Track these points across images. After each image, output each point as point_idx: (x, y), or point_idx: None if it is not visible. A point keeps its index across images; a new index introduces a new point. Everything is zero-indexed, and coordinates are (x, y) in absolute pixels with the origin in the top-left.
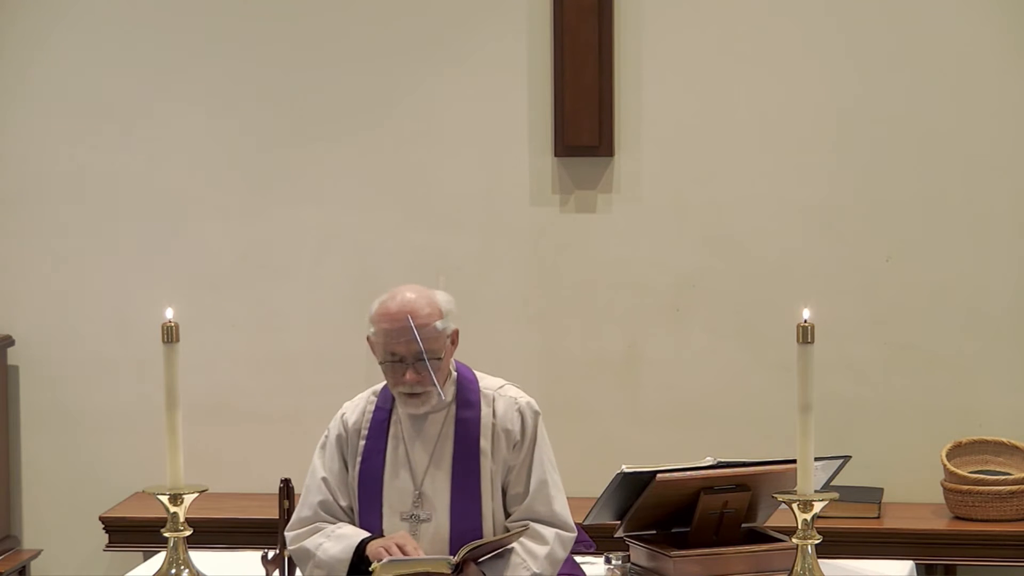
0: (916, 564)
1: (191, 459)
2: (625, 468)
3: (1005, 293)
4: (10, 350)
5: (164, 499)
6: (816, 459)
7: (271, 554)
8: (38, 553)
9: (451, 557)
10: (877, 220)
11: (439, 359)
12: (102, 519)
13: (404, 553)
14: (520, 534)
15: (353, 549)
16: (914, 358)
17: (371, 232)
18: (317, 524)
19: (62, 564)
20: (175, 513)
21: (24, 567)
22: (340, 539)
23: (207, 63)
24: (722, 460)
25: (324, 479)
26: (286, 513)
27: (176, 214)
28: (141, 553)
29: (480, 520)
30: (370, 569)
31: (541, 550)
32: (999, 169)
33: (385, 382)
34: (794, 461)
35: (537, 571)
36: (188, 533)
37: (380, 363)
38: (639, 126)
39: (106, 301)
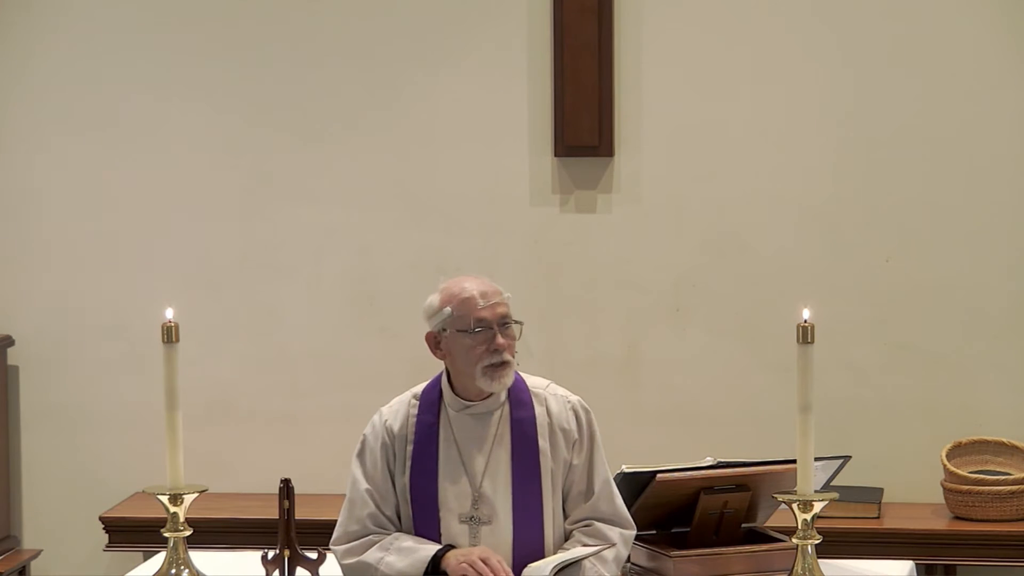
0: (916, 564)
1: (191, 459)
2: (625, 468)
3: (1005, 293)
4: (10, 350)
5: (164, 499)
6: (816, 459)
7: (271, 554)
8: (38, 553)
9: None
10: (877, 220)
11: (520, 323)
12: (102, 519)
13: (490, 567)
14: (604, 549)
15: (425, 563)
16: (914, 358)
17: (371, 232)
18: (370, 537)
19: (62, 564)
20: (175, 513)
21: (24, 567)
22: (404, 552)
23: (207, 63)
24: (722, 460)
25: (368, 490)
26: (286, 513)
27: (176, 214)
28: (141, 553)
29: (542, 520)
30: None
31: (609, 553)
32: (999, 169)
33: (423, 385)
34: (794, 461)
35: (607, 575)
36: (188, 533)
37: (469, 333)
38: (639, 126)
39: (106, 301)
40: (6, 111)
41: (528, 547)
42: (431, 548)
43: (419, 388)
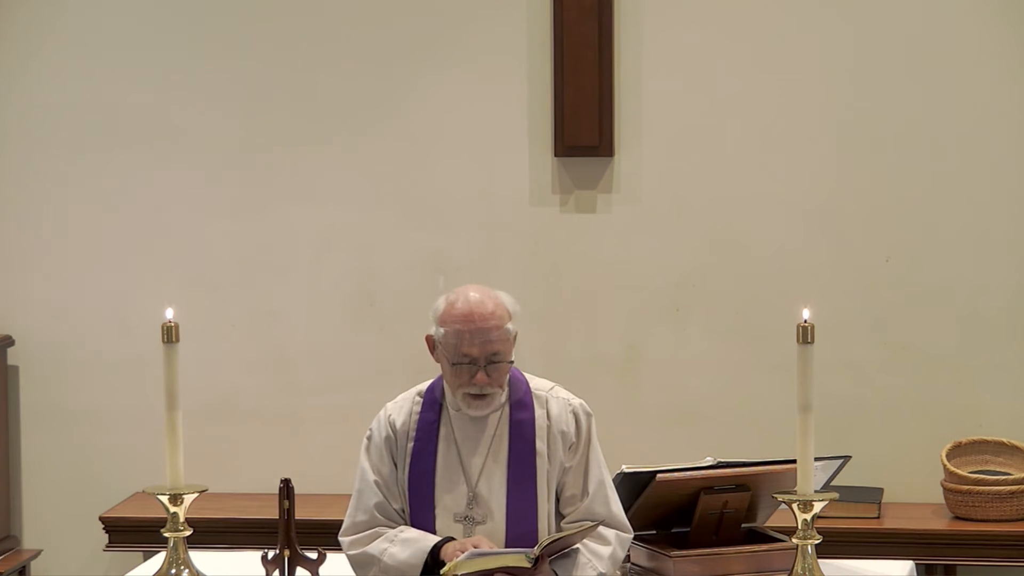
0: (916, 564)
1: (191, 459)
2: (625, 468)
3: (1005, 293)
4: (10, 350)
5: (164, 499)
6: (816, 459)
7: (271, 554)
8: (38, 553)
9: (530, 551)
10: (877, 220)
11: (511, 362)
12: (102, 519)
13: None
14: (592, 529)
15: (426, 553)
16: (914, 358)
17: (371, 232)
18: (377, 529)
19: (62, 564)
20: (175, 513)
21: (24, 567)
22: (407, 543)
23: (206, 63)
24: (722, 460)
25: (376, 481)
26: (286, 513)
27: (176, 214)
28: (141, 553)
29: (536, 522)
30: (443, 572)
31: (605, 550)
32: (999, 170)
33: (429, 383)
34: (794, 461)
35: (603, 571)
36: (188, 533)
37: (451, 364)
38: (639, 126)
39: (106, 301)
40: (6, 111)
41: (522, 548)
42: (432, 539)
43: (424, 385)
